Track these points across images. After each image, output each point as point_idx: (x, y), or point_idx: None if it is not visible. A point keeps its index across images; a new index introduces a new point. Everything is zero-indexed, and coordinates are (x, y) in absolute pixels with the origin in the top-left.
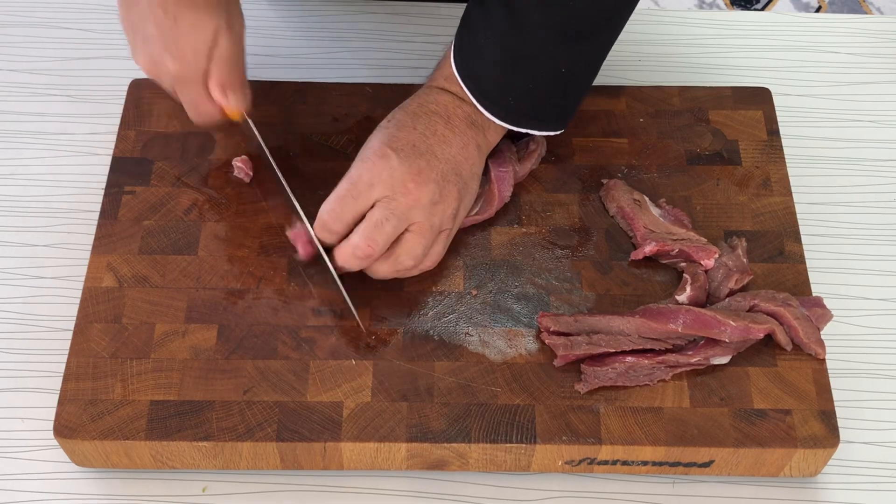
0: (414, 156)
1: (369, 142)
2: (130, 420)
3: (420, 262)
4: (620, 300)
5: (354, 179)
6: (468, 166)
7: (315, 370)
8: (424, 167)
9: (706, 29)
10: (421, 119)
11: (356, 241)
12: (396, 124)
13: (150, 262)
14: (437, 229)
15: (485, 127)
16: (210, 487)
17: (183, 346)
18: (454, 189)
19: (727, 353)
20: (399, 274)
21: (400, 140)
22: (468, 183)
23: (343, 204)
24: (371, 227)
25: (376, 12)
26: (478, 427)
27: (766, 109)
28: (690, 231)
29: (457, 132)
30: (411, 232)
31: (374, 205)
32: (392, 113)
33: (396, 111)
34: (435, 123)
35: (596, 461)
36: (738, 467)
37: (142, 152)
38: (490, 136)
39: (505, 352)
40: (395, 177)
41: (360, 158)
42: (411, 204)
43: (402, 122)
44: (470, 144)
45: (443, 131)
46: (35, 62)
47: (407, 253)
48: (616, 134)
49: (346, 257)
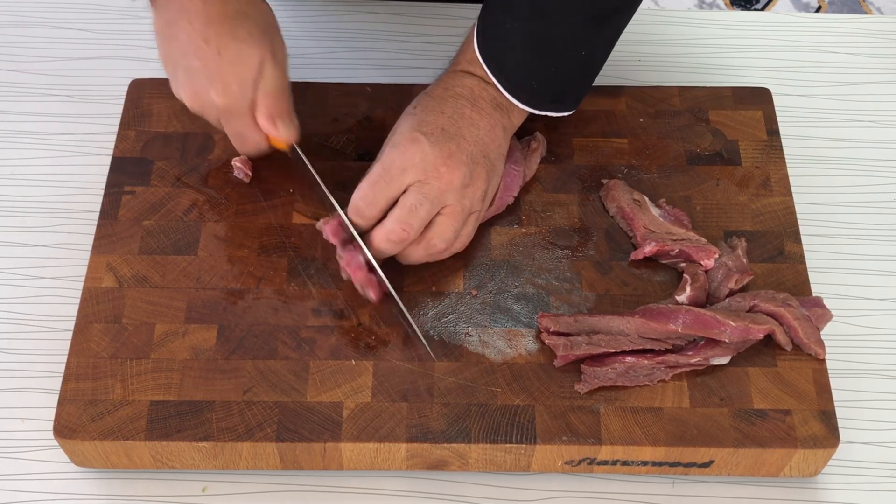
0: (444, 139)
1: (398, 127)
2: (130, 420)
3: (451, 245)
4: (620, 300)
5: (387, 165)
6: (495, 148)
7: (315, 370)
8: (455, 150)
9: (706, 29)
10: (448, 102)
11: (391, 226)
12: (424, 109)
13: (150, 263)
14: (467, 211)
15: (509, 109)
16: (210, 488)
17: (183, 347)
18: (483, 171)
19: (727, 354)
20: (431, 258)
21: (429, 124)
22: (495, 164)
23: (377, 189)
24: (405, 212)
25: (376, 12)
26: (478, 427)
27: (765, 109)
28: (690, 231)
29: (483, 115)
30: (443, 215)
31: (406, 189)
32: (417, 98)
33: (422, 96)
34: (462, 107)
35: (596, 461)
36: (738, 467)
37: (142, 152)
38: (514, 119)
39: (505, 352)
40: (427, 161)
41: (390, 144)
42: (444, 187)
43: (429, 106)
44: (496, 126)
45: (470, 114)
46: (35, 62)
47: (439, 236)
48: (616, 134)
49: (381, 242)
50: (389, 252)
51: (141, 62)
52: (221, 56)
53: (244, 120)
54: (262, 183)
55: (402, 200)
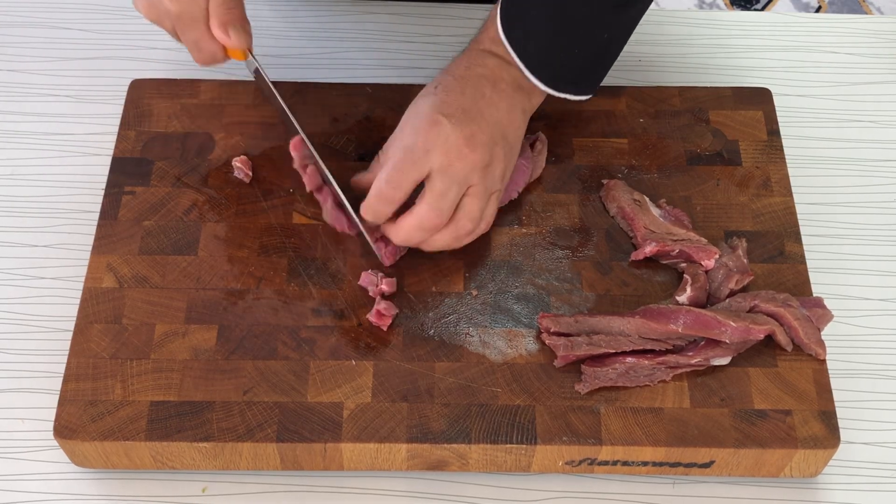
0: (465, 120)
1: (417, 108)
2: (130, 421)
3: (477, 225)
4: (621, 300)
5: (410, 147)
6: (513, 129)
7: (315, 370)
8: (476, 131)
9: (706, 29)
10: (469, 83)
11: (424, 213)
12: (444, 89)
13: (150, 263)
14: (489, 191)
15: (530, 91)
16: (210, 488)
17: (183, 347)
18: (501, 151)
19: (727, 354)
20: (456, 242)
21: (450, 105)
22: (514, 146)
23: (402, 172)
24: (436, 197)
25: (376, 12)
26: (478, 427)
27: (766, 110)
28: (691, 231)
29: (503, 96)
30: (469, 196)
31: (430, 174)
32: (437, 77)
33: (443, 76)
34: (482, 87)
35: (596, 462)
36: (739, 468)
37: (142, 152)
38: (534, 100)
39: (505, 352)
40: (450, 142)
41: (410, 126)
42: (468, 168)
43: (450, 86)
44: (516, 108)
45: (490, 94)
46: (35, 62)
47: (467, 216)
48: (616, 134)
49: (413, 230)
50: (418, 239)
51: (141, 62)
52: None
53: (198, 28)
54: (262, 183)
55: (430, 186)
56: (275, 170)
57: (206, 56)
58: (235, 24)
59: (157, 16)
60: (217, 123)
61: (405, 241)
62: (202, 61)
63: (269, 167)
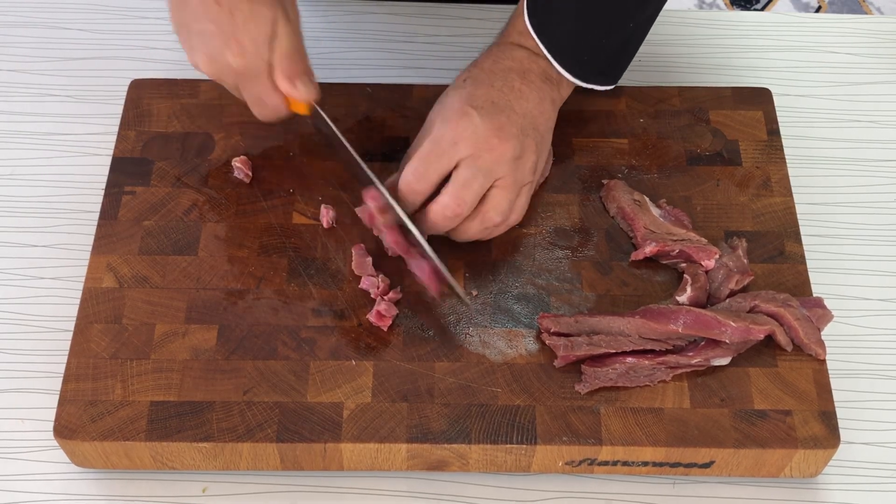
0: (494, 112)
1: (447, 100)
2: (130, 421)
3: (507, 218)
4: (621, 300)
5: (437, 138)
6: (544, 121)
7: (315, 370)
8: (505, 123)
9: (706, 29)
10: (498, 75)
11: (445, 201)
12: (473, 82)
13: (150, 263)
14: (520, 183)
15: (558, 82)
16: (210, 488)
17: (183, 347)
18: (532, 143)
19: (727, 354)
20: (486, 233)
21: (479, 97)
22: (544, 137)
23: (428, 163)
24: (459, 186)
25: (376, 12)
26: (478, 428)
27: (766, 110)
28: (691, 231)
29: (533, 87)
30: (497, 188)
31: (458, 164)
32: (466, 70)
33: (471, 68)
34: (512, 79)
35: (596, 462)
36: (739, 468)
37: (142, 152)
38: (563, 91)
39: (505, 352)
40: (479, 134)
41: (440, 118)
42: (496, 160)
43: (478, 79)
44: (545, 99)
45: (519, 86)
46: (35, 62)
47: (495, 209)
48: (616, 134)
49: (435, 218)
50: (443, 228)
51: (141, 62)
52: (234, 17)
53: (262, 82)
54: (262, 183)
55: (455, 175)
56: (275, 170)
57: (269, 111)
58: (302, 75)
59: (218, 71)
60: (217, 123)
61: (432, 229)
62: (265, 117)
63: (269, 167)
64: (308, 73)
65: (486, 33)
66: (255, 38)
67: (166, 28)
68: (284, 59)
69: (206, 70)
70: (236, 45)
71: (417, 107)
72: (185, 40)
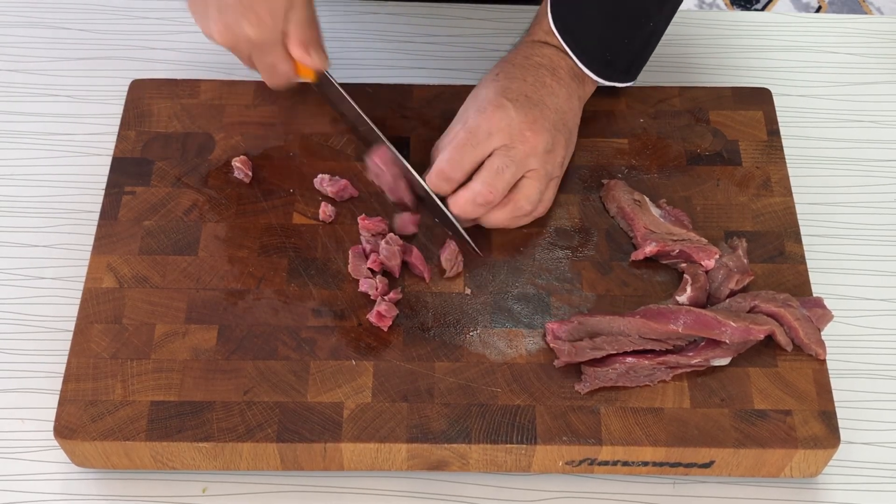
0: (528, 106)
1: (481, 92)
2: (131, 421)
3: (536, 208)
4: (621, 301)
5: (473, 128)
6: (571, 117)
7: (315, 370)
8: (538, 117)
9: (706, 29)
10: (530, 71)
11: (477, 188)
12: (507, 76)
13: (150, 263)
14: (549, 176)
15: (583, 80)
16: (210, 488)
17: (183, 347)
18: (562, 138)
19: (728, 354)
20: (514, 221)
21: (513, 91)
22: (572, 132)
23: (463, 152)
24: (491, 174)
25: (376, 12)
26: (478, 428)
27: (766, 110)
28: (691, 231)
29: (562, 84)
30: (528, 178)
31: (491, 153)
32: (498, 66)
33: (503, 64)
34: (543, 75)
35: (596, 462)
36: (739, 468)
37: (142, 152)
38: (587, 88)
39: (505, 352)
40: (513, 126)
41: (474, 109)
42: (528, 152)
43: (511, 73)
44: (573, 96)
45: (550, 83)
46: (35, 62)
47: (526, 198)
48: (616, 134)
49: (466, 204)
50: (473, 215)
51: (141, 62)
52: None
53: (276, 51)
54: (262, 183)
55: (489, 163)
56: (275, 170)
57: (280, 78)
58: (315, 44)
59: (233, 41)
60: (217, 123)
61: (462, 214)
62: (276, 83)
63: (270, 167)
64: (320, 41)
65: (486, 33)
66: (272, 8)
67: (166, 28)
68: (299, 28)
69: (221, 40)
70: (254, 16)
71: (417, 107)
72: (201, 12)
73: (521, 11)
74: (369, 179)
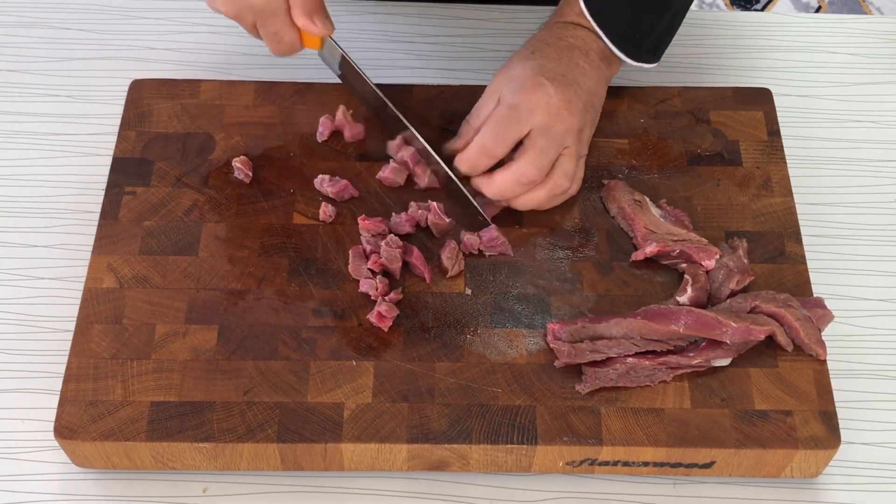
0: (565, 85)
1: (516, 69)
2: (131, 421)
3: (570, 185)
4: (621, 301)
5: (515, 105)
6: (599, 98)
7: (316, 371)
8: (573, 97)
9: (706, 29)
10: (564, 51)
11: (524, 168)
12: (542, 55)
13: (150, 263)
14: (580, 154)
15: (611, 61)
16: (210, 488)
17: (183, 347)
18: (591, 118)
19: (728, 355)
20: (552, 200)
21: (551, 70)
22: (598, 112)
23: (508, 127)
24: (537, 153)
25: (376, 12)
26: (479, 428)
27: (766, 110)
28: (691, 232)
29: (593, 65)
30: (564, 155)
31: (529, 132)
32: (530, 44)
33: (536, 43)
34: (576, 56)
35: (597, 462)
36: (739, 468)
37: (142, 153)
38: (613, 70)
39: (506, 352)
40: (552, 104)
41: (510, 86)
42: (565, 130)
43: (546, 53)
44: (602, 78)
45: (583, 64)
46: (35, 62)
47: (564, 174)
48: (617, 134)
49: (510, 184)
50: (513, 194)
51: (141, 62)
52: None
53: (280, 19)
54: (262, 183)
55: (532, 143)
56: (275, 170)
57: (285, 47)
58: (319, 11)
59: (238, 10)
60: (217, 123)
61: (500, 195)
62: (281, 52)
63: (270, 167)
64: (324, 8)
65: (485, 33)
66: None
67: (166, 28)
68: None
69: (226, 10)
70: None
71: (417, 107)
72: None
73: (522, 11)
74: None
